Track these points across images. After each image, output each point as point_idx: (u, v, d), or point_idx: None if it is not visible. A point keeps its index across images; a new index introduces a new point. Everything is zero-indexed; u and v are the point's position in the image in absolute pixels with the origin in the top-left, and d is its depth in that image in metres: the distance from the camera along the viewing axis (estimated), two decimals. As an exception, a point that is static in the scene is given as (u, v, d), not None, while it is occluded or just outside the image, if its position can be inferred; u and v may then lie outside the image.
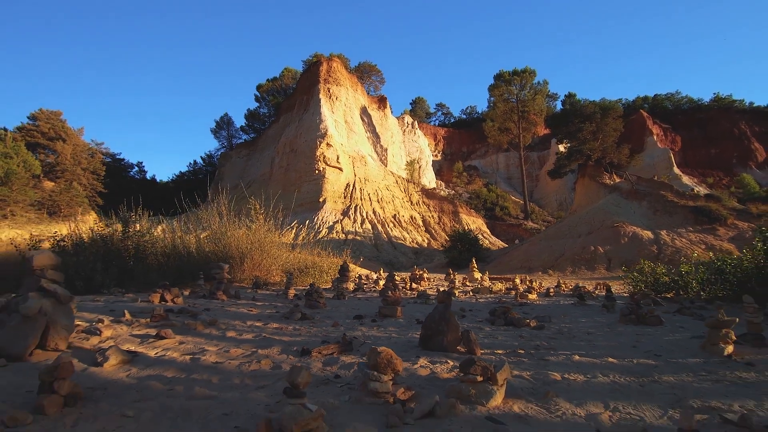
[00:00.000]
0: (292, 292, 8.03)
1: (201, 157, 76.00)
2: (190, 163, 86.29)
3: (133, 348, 3.34)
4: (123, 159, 63.76)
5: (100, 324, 4.21)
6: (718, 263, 9.52)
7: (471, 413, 2.08)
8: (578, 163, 40.86)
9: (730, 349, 3.34)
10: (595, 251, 28.93)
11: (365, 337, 3.95)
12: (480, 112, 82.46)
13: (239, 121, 73.08)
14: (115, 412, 2.03)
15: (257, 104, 69.84)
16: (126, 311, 4.85)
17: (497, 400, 2.20)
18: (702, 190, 57.14)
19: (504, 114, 56.89)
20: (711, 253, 21.85)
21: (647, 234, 29.83)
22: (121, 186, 52.24)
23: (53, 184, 41.38)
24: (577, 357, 3.31)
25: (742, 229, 29.24)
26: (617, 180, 38.43)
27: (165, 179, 72.64)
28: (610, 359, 3.27)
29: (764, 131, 69.39)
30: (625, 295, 10.54)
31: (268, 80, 68.07)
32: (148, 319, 4.61)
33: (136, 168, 67.17)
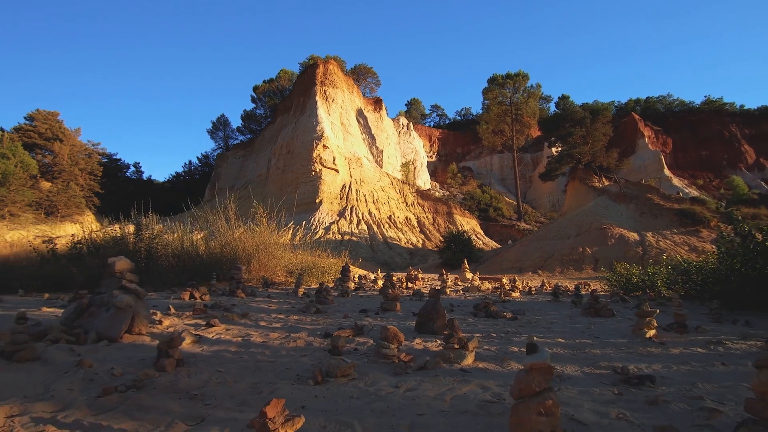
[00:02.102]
0: (301, 290, 8.99)
1: (197, 157, 76.23)
2: (186, 164, 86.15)
3: (193, 332, 4.30)
4: (120, 159, 63.58)
5: (155, 316, 5.17)
6: (684, 265, 10.62)
7: (450, 367, 3.07)
8: (569, 167, 42.04)
9: (651, 332, 4.35)
10: (584, 252, 30.05)
11: (372, 325, 4.94)
12: (474, 113, 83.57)
13: (236, 122, 73.42)
14: (211, 369, 3.00)
15: (253, 105, 70.38)
16: (171, 306, 5.81)
17: (468, 360, 3.20)
18: (692, 191, 58.56)
19: (498, 117, 57.94)
20: (694, 254, 23.01)
21: (633, 236, 30.96)
22: (118, 186, 52.46)
23: (50, 184, 41.62)
24: (535, 337, 4.31)
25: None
26: (606, 183, 39.61)
27: (161, 180, 72.90)
28: (559, 339, 4.29)
29: (754, 134, 70.69)
30: (601, 293, 11.63)
31: (264, 81, 68.62)
32: (191, 312, 5.57)
33: (133, 168, 67.03)
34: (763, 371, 1.77)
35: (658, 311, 4.43)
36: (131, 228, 12.11)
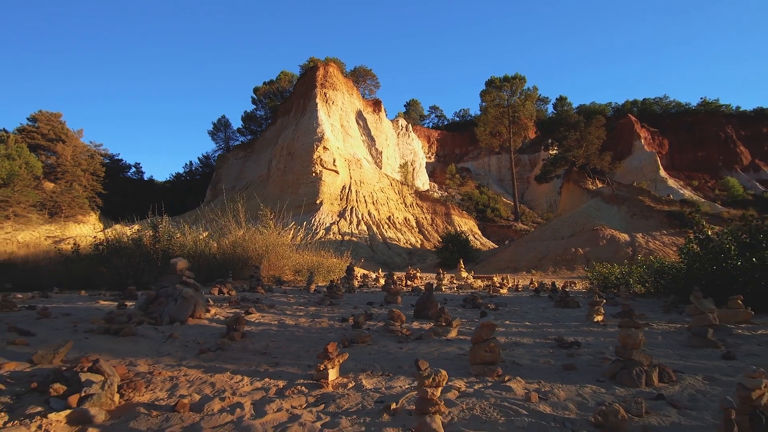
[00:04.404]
0: (313, 287, 10.14)
1: (198, 158, 76.90)
2: (186, 164, 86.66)
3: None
4: (121, 160, 64.06)
5: (200, 306, 6.30)
6: (657, 265, 11.80)
7: (439, 338, 4.24)
8: (563, 169, 43.25)
9: (599, 318, 5.51)
10: (576, 252, 31.22)
11: (378, 313, 6.09)
12: (473, 114, 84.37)
13: (236, 123, 73.99)
14: (266, 340, 4.15)
15: (254, 107, 71.02)
16: (209, 299, 6.95)
17: (453, 334, 4.36)
18: (688, 192, 59.66)
19: (495, 118, 59.03)
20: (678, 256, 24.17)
21: (624, 237, 32.14)
22: (119, 187, 53.10)
23: (53, 185, 42.43)
24: (507, 321, 5.49)
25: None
26: (599, 185, 40.81)
27: (162, 180, 73.52)
28: (527, 323, 5.46)
29: (750, 135, 71.47)
30: (583, 290, 12.81)
31: (264, 83, 69.34)
32: (227, 304, 6.71)
33: (134, 169, 67.38)
34: (623, 329, 2.92)
35: (605, 301, 5.59)
36: (136, 227, 13.14)
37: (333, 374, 2.74)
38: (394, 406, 2.22)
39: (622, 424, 1.97)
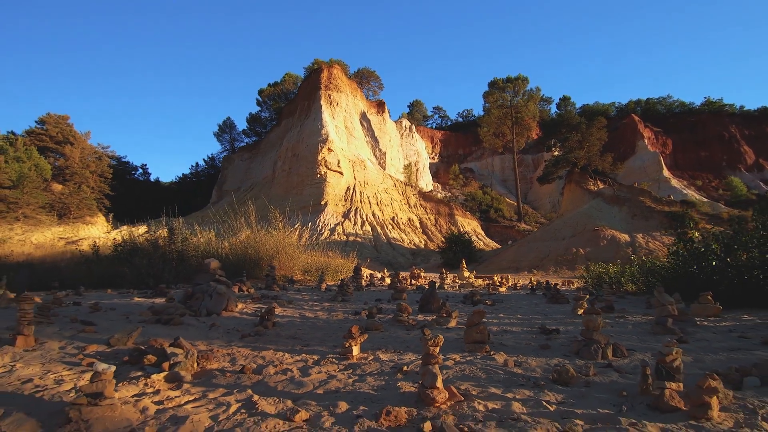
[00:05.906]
0: (324, 286, 10.90)
1: (203, 159, 77.96)
2: (192, 166, 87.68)
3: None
4: (128, 162, 64.99)
5: (228, 301, 7.07)
6: (649, 264, 12.50)
7: (440, 327, 4.99)
8: (565, 170, 43.84)
9: (582, 311, 6.25)
10: (577, 253, 31.79)
11: (387, 308, 6.86)
12: (476, 114, 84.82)
13: (241, 124, 74.71)
14: (293, 328, 4.91)
15: (259, 108, 71.85)
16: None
17: (452, 324, 5.11)
18: (691, 192, 59.96)
19: (498, 119, 59.56)
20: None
21: (624, 237, 32.69)
22: (126, 188, 53.89)
23: (62, 186, 43.28)
24: (501, 315, 6.23)
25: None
26: (601, 186, 41.37)
27: (168, 181, 74.45)
28: (518, 315, 6.21)
29: (754, 135, 71.41)
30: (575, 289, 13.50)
31: (269, 85, 70.13)
32: (251, 300, 7.47)
33: (141, 170, 68.38)
34: (586, 315, 3.66)
35: (588, 296, 6.33)
36: (145, 228, 13.92)
37: (356, 350, 3.50)
38: (405, 369, 2.98)
39: (572, 379, 2.71)
